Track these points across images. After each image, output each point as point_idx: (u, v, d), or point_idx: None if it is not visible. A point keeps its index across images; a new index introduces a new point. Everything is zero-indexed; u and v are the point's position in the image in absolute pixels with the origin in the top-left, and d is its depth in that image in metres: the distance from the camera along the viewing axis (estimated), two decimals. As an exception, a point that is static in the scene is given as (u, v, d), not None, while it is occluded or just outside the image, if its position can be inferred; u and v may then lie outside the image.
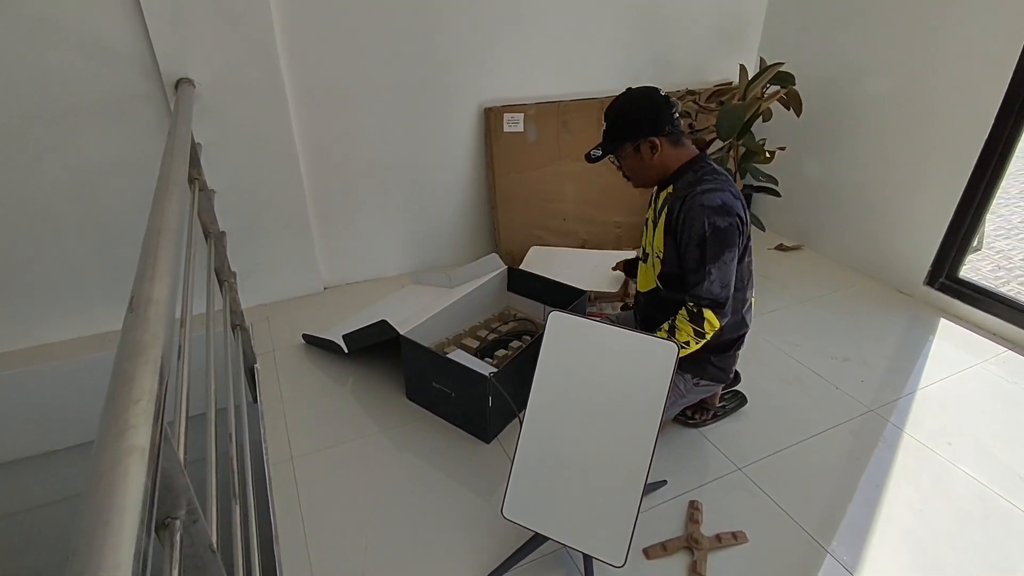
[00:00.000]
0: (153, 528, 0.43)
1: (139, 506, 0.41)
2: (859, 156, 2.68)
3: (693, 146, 1.53)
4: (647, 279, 1.66)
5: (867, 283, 2.71)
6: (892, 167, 2.56)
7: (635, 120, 1.46)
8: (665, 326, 1.48)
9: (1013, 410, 1.95)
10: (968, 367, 2.15)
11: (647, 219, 1.64)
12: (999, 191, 2.35)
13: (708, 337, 1.45)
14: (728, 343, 1.62)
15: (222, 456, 1.08)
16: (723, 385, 1.74)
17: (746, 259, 1.53)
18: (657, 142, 1.46)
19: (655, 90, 1.49)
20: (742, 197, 1.48)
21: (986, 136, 2.21)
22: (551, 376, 1.32)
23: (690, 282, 1.45)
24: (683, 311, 1.45)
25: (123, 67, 1.86)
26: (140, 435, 0.47)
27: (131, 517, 0.40)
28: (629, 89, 1.51)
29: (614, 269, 2.08)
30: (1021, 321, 2.26)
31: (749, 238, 1.51)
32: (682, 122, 1.49)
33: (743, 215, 1.45)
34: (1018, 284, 3.84)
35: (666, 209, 1.50)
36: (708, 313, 1.42)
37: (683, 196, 1.45)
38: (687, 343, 1.44)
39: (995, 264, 4.14)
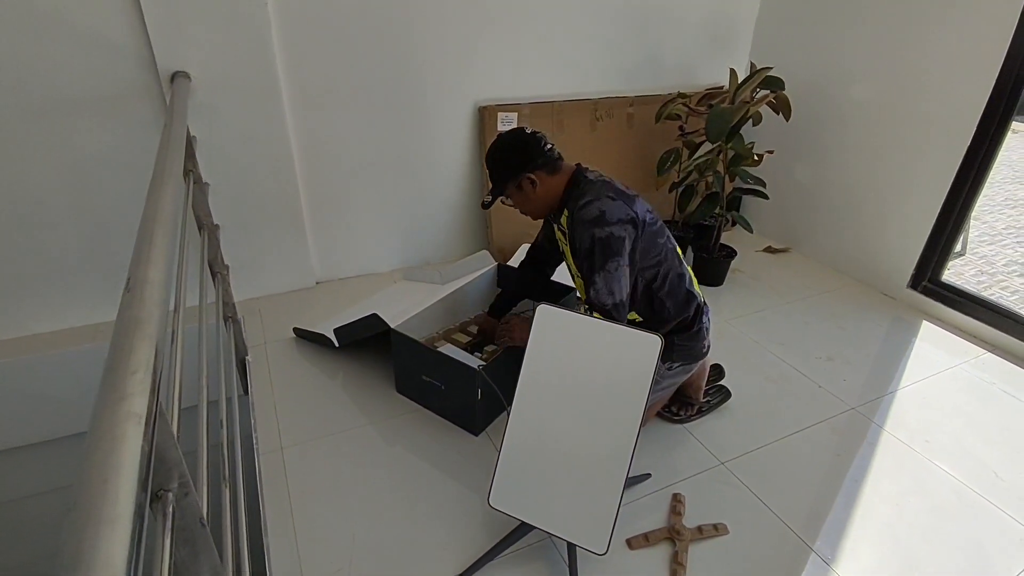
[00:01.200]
0: (149, 490, 0.46)
1: (136, 467, 0.44)
2: (846, 160, 2.73)
3: (570, 166, 1.61)
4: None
5: (852, 285, 2.76)
6: (878, 172, 2.61)
7: (508, 161, 1.58)
8: None
9: (990, 410, 2.00)
10: (948, 368, 2.19)
11: (561, 246, 1.72)
12: (983, 198, 2.41)
13: None
14: (687, 321, 1.64)
15: (213, 446, 1.10)
16: (700, 366, 1.76)
17: (660, 241, 1.57)
18: (534, 176, 1.56)
19: (521, 130, 1.61)
20: (625, 194, 1.53)
21: (968, 142, 2.26)
22: (538, 368, 1.35)
23: (585, 287, 1.52)
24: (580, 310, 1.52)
25: (119, 59, 1.87)
26: (137, 403, 0.49)
27: (128, 476, 0.42)
28: (499, 135, 1.63)
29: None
30: (1000, 324, 2.31)
31: (651, 223, 1.55)
32: (555, 150, 1.60)
33: (624, 214, 1.48)
34: (1000, 289, 3.92)
35: (567, 233, 1.59)
36: (597, 316, 1.48)
37: (572, 216, 1.55)
38: None
39: (978, 269, 4.22)
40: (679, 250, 1.66)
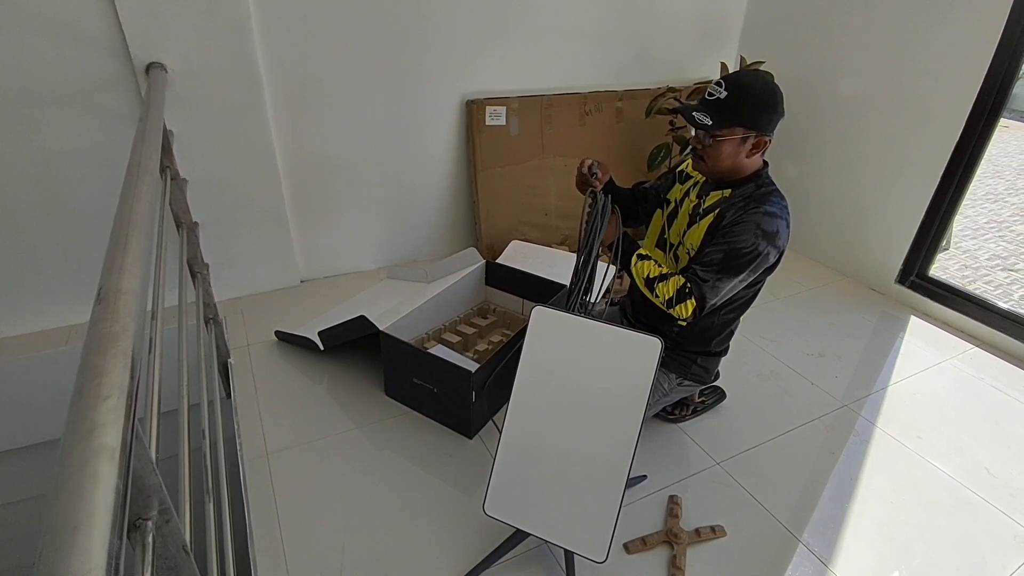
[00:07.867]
0: (125, 531, 0.41)
1: (110, 509, 0.39)
2: (835, 156, 2.73)
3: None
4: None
5: (841, 281, 2.76)
6: (866, 168, 2.61)
7: (762, 112, 1.33)
8: (665, 270, 1.43)
9: (979, 405, 2.01)
10: (937, 363, 2.20)
11: (672, 204, 1.57)
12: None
13: (673, 313, 1.40)
14: (716, 350, 1.65)
15: (195, 453, 1.05)
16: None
17: (758, 285, 1.54)
18: (767, 141, 1.36)
19: (778, 87, 1.37)
20: (791, 226, 1.43)
21: (957, 139, 2.27)
22: (534, 371, 1.31)
23: (703, 268, 1.39)
24: (679, 279, 1.39)
25: (91, 49, 1.78)
26: (110, 434, 0.44)
27: (101, 521, 0.38)
28: (759, 72, 1.36)
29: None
30: (988, 319, 2.32)
31: (775, 267, 1.48)
32: None
33: (783, 246, 1.41)
34: (984, 283, 3.97)
35: (716, 212, 1.44)
36: (690, 303, 1.37)
37: (742, 207, 1.40)
38: (665, 300, 1.40)
39: (962, 263, 4.27)
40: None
